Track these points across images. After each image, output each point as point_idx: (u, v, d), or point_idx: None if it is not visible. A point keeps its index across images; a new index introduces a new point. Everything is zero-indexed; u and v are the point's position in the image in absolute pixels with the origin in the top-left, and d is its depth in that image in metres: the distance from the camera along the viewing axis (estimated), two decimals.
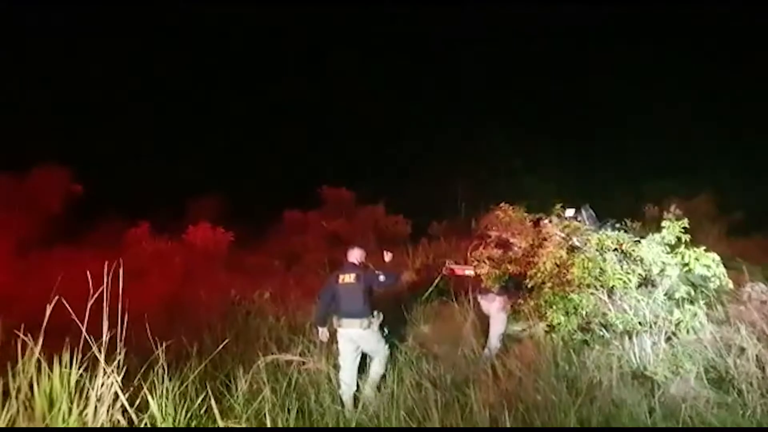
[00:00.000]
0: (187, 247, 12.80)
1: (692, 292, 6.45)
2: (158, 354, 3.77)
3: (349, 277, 6.44)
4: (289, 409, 5.29)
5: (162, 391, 3.65)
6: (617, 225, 7.73)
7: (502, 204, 6.99)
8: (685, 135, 18.41)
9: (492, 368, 6.50)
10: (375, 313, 6.46)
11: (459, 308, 8.06)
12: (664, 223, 6.47)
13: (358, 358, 6.42)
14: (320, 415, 5.63)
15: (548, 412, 5.53)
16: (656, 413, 5.50)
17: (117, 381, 3.07)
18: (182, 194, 16.92)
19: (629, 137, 19.90)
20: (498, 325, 7.17)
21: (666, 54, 20.14)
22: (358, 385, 6.32)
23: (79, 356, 3.39)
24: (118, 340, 3.37)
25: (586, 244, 6.21)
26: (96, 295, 3.53)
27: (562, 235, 6.28)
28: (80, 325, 3.18)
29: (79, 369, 3.25)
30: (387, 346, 6.54)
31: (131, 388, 3.58)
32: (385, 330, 6.65)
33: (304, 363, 5.85)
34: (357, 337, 6.32)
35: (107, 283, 3.33)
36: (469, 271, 9.15)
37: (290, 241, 13.02)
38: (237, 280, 9.63)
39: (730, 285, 6.24)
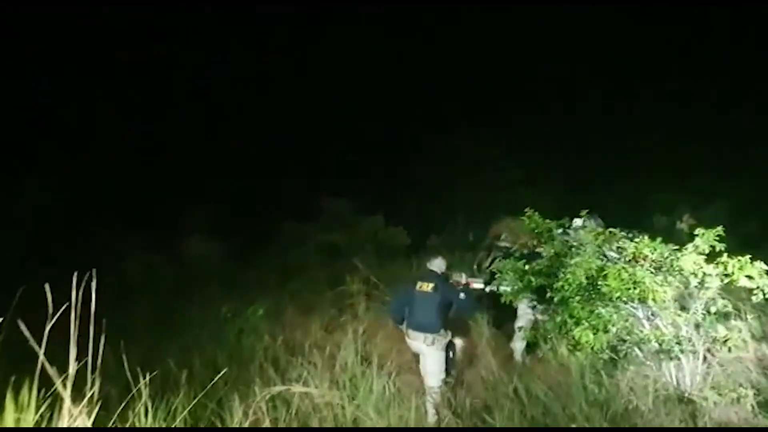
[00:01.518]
0: (178, 260, 12.14)
1: (729, 306, 5.91)
2: (141, 386, 3.11)
3: (427, 286, 6.14)
4: None
5: None
6: (630, 235, 7.20)
7: (527, 210, 6.36)
8: (688, 144, 17.96)
9: (514, 392, 5.91)
10: (443, 331, 6.04)
11: (473, 324, 7.42)
12: (696, 231, 5.90)
13: None
14: None
15: None
16: None
17: (87, 423, 2.43)
18: (173, 206, 16.26)
19: (628, 147, 19.38)
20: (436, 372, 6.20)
21: (665, 59, 19.69)
22: None
23: (42, 392, 2.75)
24: (90, 370, 2.72)
25: (621, 253, 5.63)
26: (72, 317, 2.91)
27: (596, 243, 5.68)
28: (39, 352, 2.52)
29: (38, 409, 2.61)
30: (443, 373, 6.05)
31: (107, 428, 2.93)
32: (451, 353, 6.24)
33: (317, 395, 5.07)
34: (419, 350, 6.04)
35: (76, 300, 2.70)
36: (478, 284, 8.64)
37: (287, 255, 12.37)
38: (229, 295, 8.96)
39: None
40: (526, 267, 6.17)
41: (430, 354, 5.97)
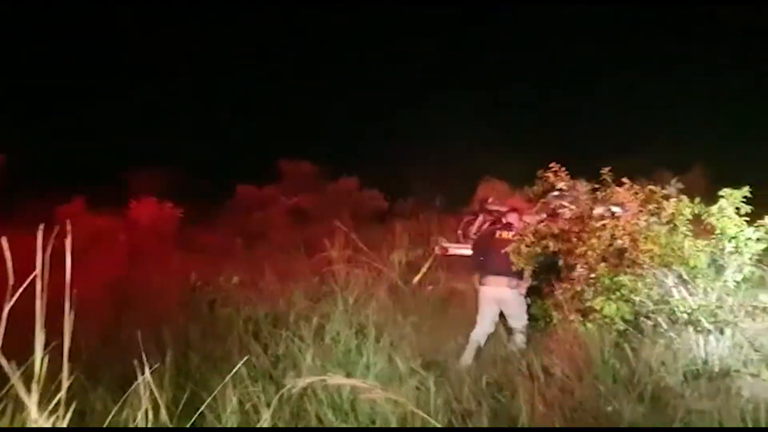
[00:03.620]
0: (130, 224, 11.18)
1: (755, 272, 5.43)
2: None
3: (507, 234, 6.19)
4: None
5: None
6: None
7: (552, 165, 5.74)
8: (656, 108, 17.71)
9: (527, 367, 5.32)
10: (525, 275, 6.16)
11: (473, 293, 6.79)
12: (722, 192, 5.37)
13: (495, 321, 6.21)
14: None
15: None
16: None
17: None
18: (121, 166, 15.18)
19: (595, 114, 18.99)
20: (522, 315, 6.23)
21: (629, 19, 19.30)
22: None
23: None
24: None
25: (659, 214, 5.04)
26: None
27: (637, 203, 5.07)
28: None
29: None
30: (527, 318, 6.22)
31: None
32: (528, 300, 6.34)
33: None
34: (501, 297, 6.15)
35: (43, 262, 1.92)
36: (464, 251, 8.14)
37: (249, 218, 11.54)
38: (194, 261, 8.13)
39: None
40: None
41: (513, 298, 6.13)
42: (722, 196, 5.32)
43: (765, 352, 5.37)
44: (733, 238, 4.87)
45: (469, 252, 8.15)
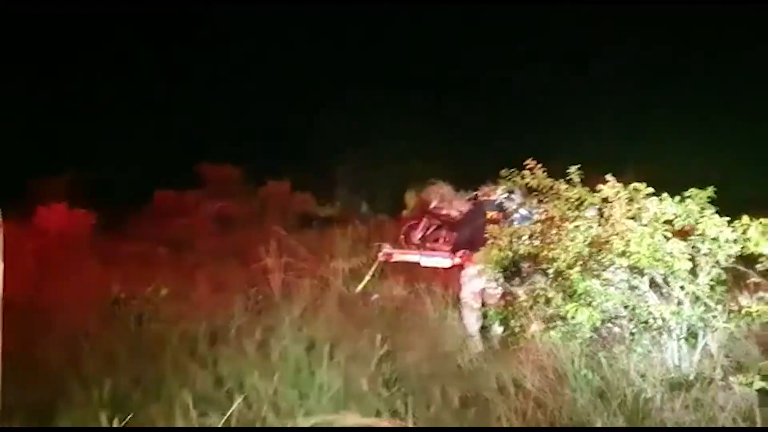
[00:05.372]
0: (37, 233, 10.15)
1: (722, 276, 5.28)
2: None
3: (496, 215, 6.41)
4: None
5: None
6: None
7: (528, 162, 5.40)
8: (579, 108, 17.83)
9: (496, 381, 4.94)
10: None
11: (432, 302, 6.38)
12: (688, 192, 5.18)
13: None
14: None
15: None
16: None
17: None
18: (22, 171, 13.95)
19: (515, 116, 18.97)
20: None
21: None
22: None
23: None
24: None
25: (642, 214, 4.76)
26: None
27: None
28: None
29: None
30: None
31: None
32: None
33: None
34: None
35: None
36: (413, 257, 7.79)
37: (171, 225, 10.73)
38: (113, 272, 7.34)
39: None
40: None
41: None
42: (688, 196, 5.13)
43: (735, 358, 5.23)
44: (714, 239, 4.64)
45: (415, 258, 7.79)
